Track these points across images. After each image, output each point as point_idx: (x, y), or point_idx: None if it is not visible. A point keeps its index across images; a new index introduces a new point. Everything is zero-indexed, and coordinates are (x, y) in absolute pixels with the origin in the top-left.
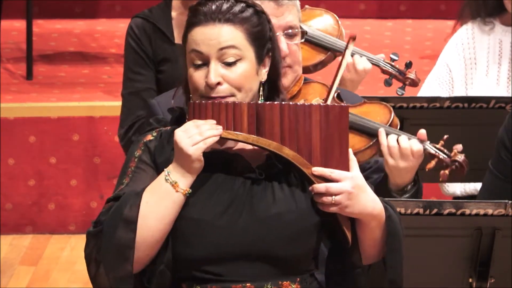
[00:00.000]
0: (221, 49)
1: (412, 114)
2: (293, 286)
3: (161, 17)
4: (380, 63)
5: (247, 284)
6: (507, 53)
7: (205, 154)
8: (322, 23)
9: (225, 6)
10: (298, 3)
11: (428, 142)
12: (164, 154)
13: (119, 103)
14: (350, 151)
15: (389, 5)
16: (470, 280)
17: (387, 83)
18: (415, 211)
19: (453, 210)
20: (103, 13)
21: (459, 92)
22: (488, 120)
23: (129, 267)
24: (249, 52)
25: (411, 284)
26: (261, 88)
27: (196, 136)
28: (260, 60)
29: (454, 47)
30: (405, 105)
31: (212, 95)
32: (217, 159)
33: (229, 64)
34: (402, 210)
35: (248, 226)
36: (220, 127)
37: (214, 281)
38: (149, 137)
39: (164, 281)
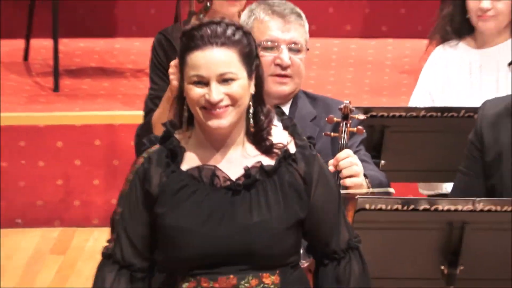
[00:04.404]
0: (221, 74)
1: (392, 122)
2: (272, 278)
3: (177, 34)
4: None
5: (231, 276)
6: (477, 70)
7: (192, 171)
8: None
9: (219, 30)
10: (306, 26)
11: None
12: (152, 180)
13: (135, 112)
14: None
15: (372, 26)
16: (442, 267)
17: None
18: (395, 207)
19: (428, 206)
20: (121, 33)
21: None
22: (459, 128)
23: None
24: (242, 71)
25: (390, 273)
26: (251, 100)
27: None
28: (250, 76)
29: (430, 70)
30: (385, 114)
31: (212, 110)
32: (201, 175)
33: (227, 82)
34: (383, 206)
35: (228, 232)
36: None
37: (203, 273)
38: (141, 160)
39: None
